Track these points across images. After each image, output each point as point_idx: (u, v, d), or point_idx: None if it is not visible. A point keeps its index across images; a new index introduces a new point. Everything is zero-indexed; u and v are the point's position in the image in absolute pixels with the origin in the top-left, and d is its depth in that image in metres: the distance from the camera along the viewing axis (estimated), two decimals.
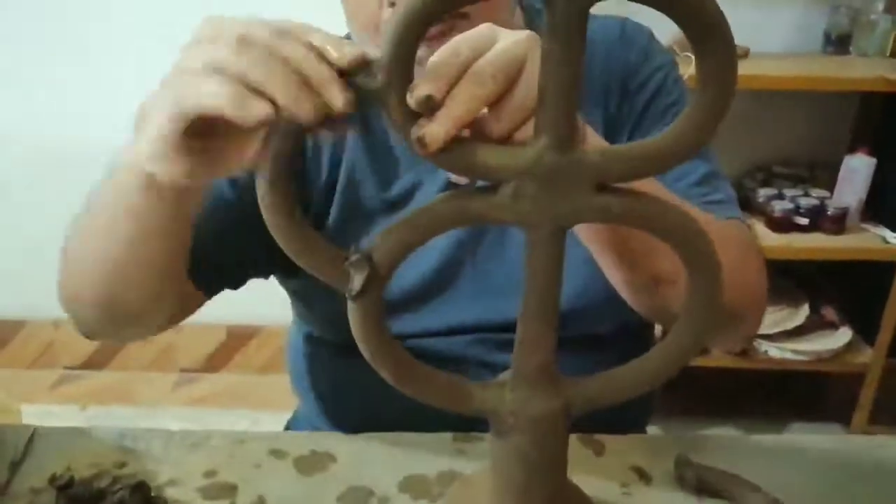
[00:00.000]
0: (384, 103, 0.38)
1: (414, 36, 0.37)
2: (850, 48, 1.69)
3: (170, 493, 0.57)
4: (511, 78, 0.39)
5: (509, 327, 0.46)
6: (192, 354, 2.04)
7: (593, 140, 0.46)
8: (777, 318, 1.73)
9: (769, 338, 1.71)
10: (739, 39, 1.74)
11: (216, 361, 2.04)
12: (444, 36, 0.47)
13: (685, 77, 1.50)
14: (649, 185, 0.46)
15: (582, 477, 0.54)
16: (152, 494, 0.55)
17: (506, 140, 0.40)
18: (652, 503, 0.58)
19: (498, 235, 0.68)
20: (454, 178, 0.43)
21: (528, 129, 0.40)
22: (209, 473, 0.59)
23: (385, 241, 0.41)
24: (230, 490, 0.58)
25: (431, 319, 0.68)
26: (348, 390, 0.72)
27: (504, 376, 0.47)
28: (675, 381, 0.67)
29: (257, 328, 1.99)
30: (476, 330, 0.68)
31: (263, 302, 1.50)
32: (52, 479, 0.55)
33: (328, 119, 0.38)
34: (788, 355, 1.71)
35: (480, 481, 0.51)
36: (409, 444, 0.63)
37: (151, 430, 0.63)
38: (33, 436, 0.62)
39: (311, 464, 0.61)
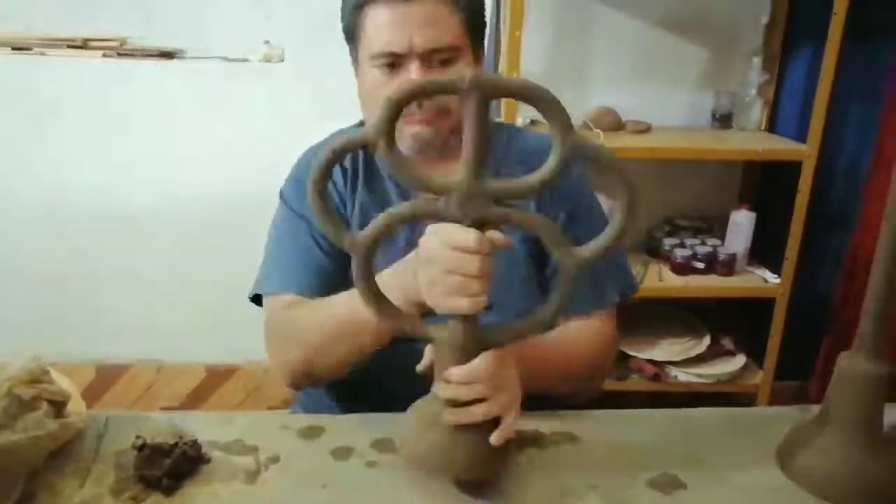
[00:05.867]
0: None
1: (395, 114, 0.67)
2: (733, 124, 2.06)
3: (213, 453, 0.82)
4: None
5: None
6: (173, 393, 2.24)
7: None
8: (683, 348, 2.05)
9: (677, 364, 2.02)
10: (642, 116, 2.19)
11: (195, 399, 2.25)
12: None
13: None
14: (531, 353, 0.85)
15: None
16: (202, 451, 0.80)
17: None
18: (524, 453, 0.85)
19: None
20: None
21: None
22: (237, 440, 0.85)
23: (373, 224, 0.71)
24: (253, 449, 0.83)
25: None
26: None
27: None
28: (596, 403, 0.94)
29: (235, 367, 2.21)
30: None
31: (240, 342, 1.73)
32: (134, 444, 0.79)
33: None
34: (694, 379, 2.02)
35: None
36: (378, 419, 0.89)
37: (194, 414, 0.88)
38: (108, 420, 0.87)
39: (309, 433, 0.87)
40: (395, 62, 0.94)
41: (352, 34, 0.99)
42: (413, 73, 0.93)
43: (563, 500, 0.77)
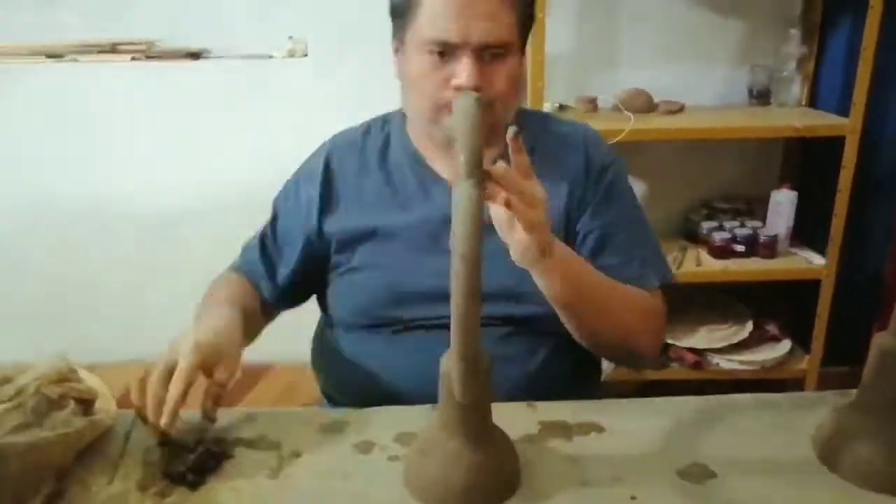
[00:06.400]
0: None
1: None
2: (771, 100, 1.99)
3: (237, 449, 0.83)
4: None
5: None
6: None
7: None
8: (725, 334, 1.99)
9: (719, 351, 1.96)
10: (675, 96, 2.12)
11: (231, 398, 2.27)
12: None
13: (626, 131, 1.83)
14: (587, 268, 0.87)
15: (509, 425, 0.79)
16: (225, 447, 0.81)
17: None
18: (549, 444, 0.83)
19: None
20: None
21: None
22: (260, 436, 0.85)
23: None
24: (276, 445, 0.84)
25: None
26: (353, 360, 1.01)
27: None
28: (634, 393, 0.92)
29: (269, 366, 2.24)
30: None
31: (274, 341, 1.74)
32: (159, 440, 0.80)
33: None
34: (737, 366, 1.96)
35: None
36: (400, 412, 0.89)
37: (220, 411, 0.89)
38: (135, 418, 0.88)
39: (331, 428, 0.87)
40: (446, 51, 0.92)
41: (402, 13, 0.95)
42: (464, 66, 0.91)
43: (588, 491, 0.75)
